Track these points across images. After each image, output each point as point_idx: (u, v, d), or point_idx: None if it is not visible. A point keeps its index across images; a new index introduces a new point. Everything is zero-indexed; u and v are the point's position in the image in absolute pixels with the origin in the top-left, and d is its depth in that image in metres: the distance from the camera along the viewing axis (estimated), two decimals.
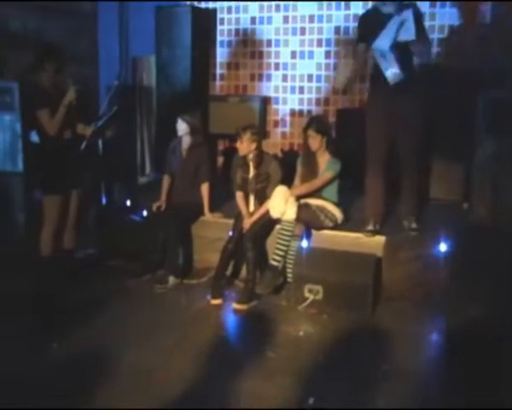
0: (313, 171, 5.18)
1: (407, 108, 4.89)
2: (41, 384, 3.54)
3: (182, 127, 5.51)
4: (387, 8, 4.78)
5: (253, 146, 5.17)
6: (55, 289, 4.72)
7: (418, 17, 4.78)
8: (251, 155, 5.22)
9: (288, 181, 5.25)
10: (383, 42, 4.72)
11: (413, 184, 5.17)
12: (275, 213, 5.01)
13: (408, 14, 4.65)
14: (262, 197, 5.26)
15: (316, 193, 5.18)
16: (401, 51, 4.76)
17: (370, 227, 5.10)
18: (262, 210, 5.17)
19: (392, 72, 4.79)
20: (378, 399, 3.49)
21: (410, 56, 4.91)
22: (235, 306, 4.79)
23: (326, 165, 5.16)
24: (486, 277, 4.42)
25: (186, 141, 5.57)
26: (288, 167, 5.41)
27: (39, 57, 4.77)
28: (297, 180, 5.27)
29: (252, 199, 5.34)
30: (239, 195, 5.36)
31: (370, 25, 4.83)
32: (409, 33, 4.66)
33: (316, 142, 5.13)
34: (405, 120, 4.93)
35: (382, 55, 4.78)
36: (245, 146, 5.17)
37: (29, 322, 4.34)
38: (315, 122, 5.32)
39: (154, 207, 5.56)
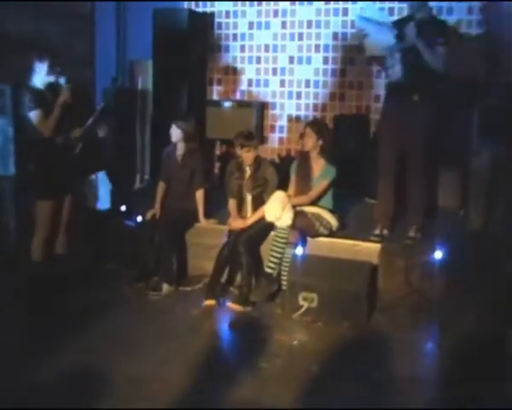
0: (307, 177, 5.15)
1: (418, 118, 4.92)
2: (33, 396, 3.48)
3: (176, 133, 5.46)
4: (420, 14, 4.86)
5: (254, 154, 5.19)
6: (47, 295, 4.67)
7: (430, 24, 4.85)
8: (248, 161, 5.22)
9: (283, 187, 5.23)
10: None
11: (418, 193, 5.15)
12: (269, 217, 4.96)
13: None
14: (259, 203, 5.23)
15: None
16: (412, 56, 4.81)
17: (377, 232, 5.12)
18: (258, 214, 5.14)
19: (393, 69, 4.90)
20: (372, 408, 3.47)
21: (423, 63, 4.84)
22: (231, 305, 4.79)
23: (321, 171, 5.13)
24: (481, 284, 4.42)
25: (181, 147, 5.53)
26: (285, 173, 5.39)
27: (31, 58, 4.73)
28: (290, 187, 5.24)
29: (249, 204, 5.31)
30: (232, 202, 5.34)
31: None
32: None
33: (309, 141, 5.10)
34: (415, 131, 4.95)
35: (390, 52, 4.89)
36: (251, 155, 5.19)
37: (20, 329, 4.30)
38: (314, 122, 5.38)
39: (149, 215, 5.53)
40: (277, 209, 4.91)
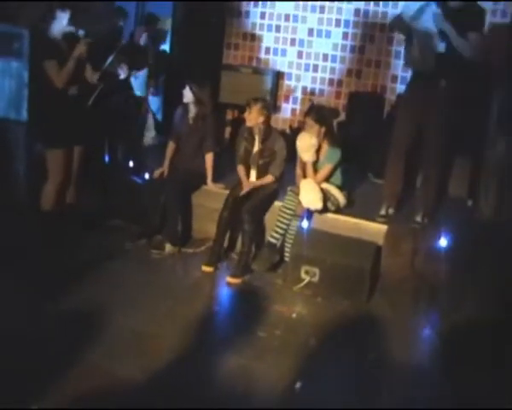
0: None
1: (443, 103, 4.84)
2: (32, 342, 3.49)
3: (188, 95, 5.40)
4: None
5: (261, 119, 5.09)
6: (53, 244, 4.67)
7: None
8: (257, 128, 5.15)
9: (292, 160, 5.24)
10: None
11: (430, 178, 5.11)
12: (316, 207, 4.90)
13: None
14: (264, 173, 5.22)
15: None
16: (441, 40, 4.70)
17: (383, 212, 5.10)
18: (265, 180, 5.17)
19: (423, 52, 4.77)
20: (365, 386, 3.48)
21: (452, 49, 4.71)
22: (229, 279, 4.76)
23: (325, 155, 5.11)
24: (486, 274, 4.40)
25: (192, 109, 5.48)
26: (294, 144, 5.34)
27: (52, 5, 4.68)
28: (298, 169, 5.19)
29: (253, 173, 5.29)
30: (240, 168, 5.32)
31: None
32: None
33: (313, 131, 5.04)
34: (438, 116, 4.87)
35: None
36: (253, 117, 5.08)
37: (25, 277, 4.29)
38: (314, 111, 5.28)
39: (156, 173, 5.51)
40: (318, 198, 4.89)
